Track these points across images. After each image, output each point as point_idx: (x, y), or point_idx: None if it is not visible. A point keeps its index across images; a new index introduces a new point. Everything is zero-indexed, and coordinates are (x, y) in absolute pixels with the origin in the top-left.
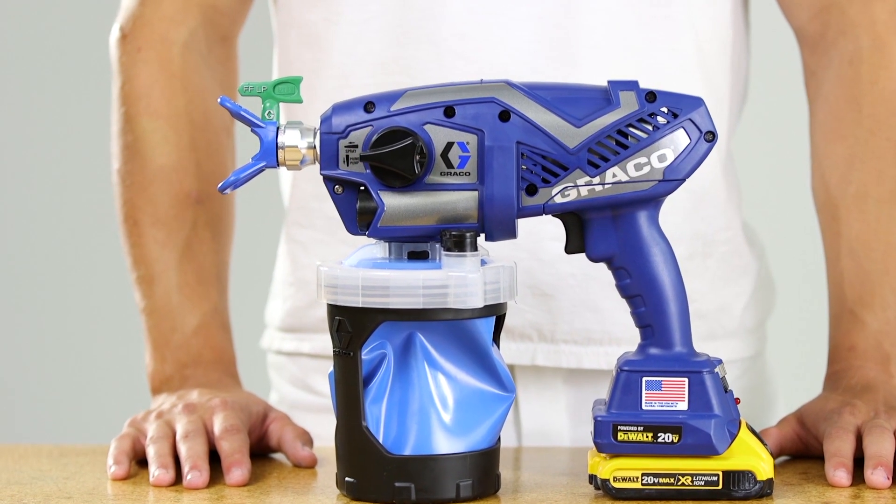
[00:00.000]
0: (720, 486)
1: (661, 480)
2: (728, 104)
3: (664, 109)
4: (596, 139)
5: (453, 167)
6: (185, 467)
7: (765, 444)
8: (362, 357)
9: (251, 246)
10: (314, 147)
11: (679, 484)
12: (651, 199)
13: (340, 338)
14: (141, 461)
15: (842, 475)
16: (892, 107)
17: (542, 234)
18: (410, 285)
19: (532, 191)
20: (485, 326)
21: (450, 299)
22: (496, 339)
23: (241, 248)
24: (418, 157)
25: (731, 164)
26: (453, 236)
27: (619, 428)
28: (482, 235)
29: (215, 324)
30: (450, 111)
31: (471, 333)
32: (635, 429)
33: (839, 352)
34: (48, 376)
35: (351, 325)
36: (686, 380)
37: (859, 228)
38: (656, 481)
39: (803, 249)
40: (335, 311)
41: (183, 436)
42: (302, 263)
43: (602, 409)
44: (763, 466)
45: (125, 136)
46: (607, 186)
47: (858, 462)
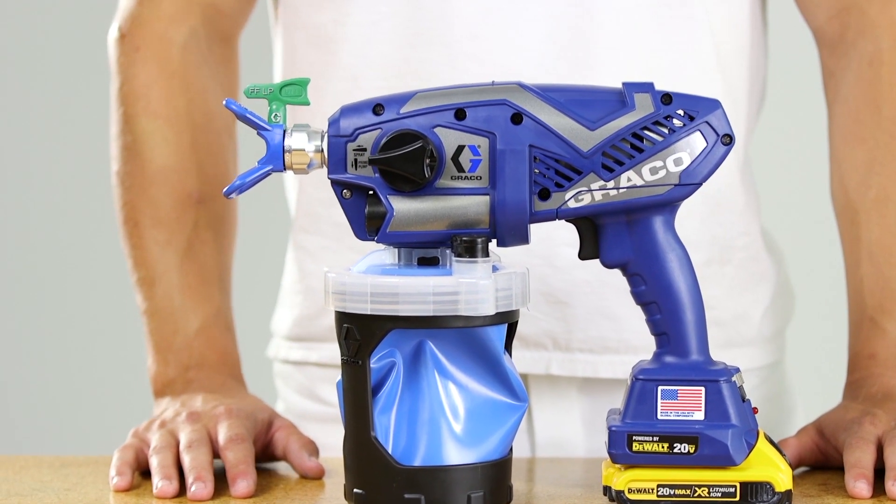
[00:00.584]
0: (737, 498)
1: (677, 492)
2: (746, 106)
3: (680, 112)
4: (610, 142)
5: (464, 171)
6: (189, 478)
7: (783, 455)
8: (371, 365)
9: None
10: (322, 150)
11: (695, 495)
12: (667, 203)
13: (349, 346)
14: (144, 472)
15: (862, 486)
16: None
17: (556, 240)
18: (420, 292)
19: (545, 195)
20: (496, 334)
21: (461, 306)
22: (508, 346)
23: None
24: (428, 161)
25: (748, 167)
26: (464, 242)
27: (634, 438)
28: (494, 241)
29: (219, 325)
30: (461, 114)
31: (482, 341)
32: (651, 439)
33: (859, 360)
34: (50, 386)
35: (359, 333)
36: (703, 389)
37: (879, 233)
38: (672, 493)
39: (823, 256)
40: (343, 318)
41: (186, 446)
42: (309, 271)
43: (617, 418)
44: (781, 478)
45: (124, 136)
46: (622, 191)
47: (879, 473)
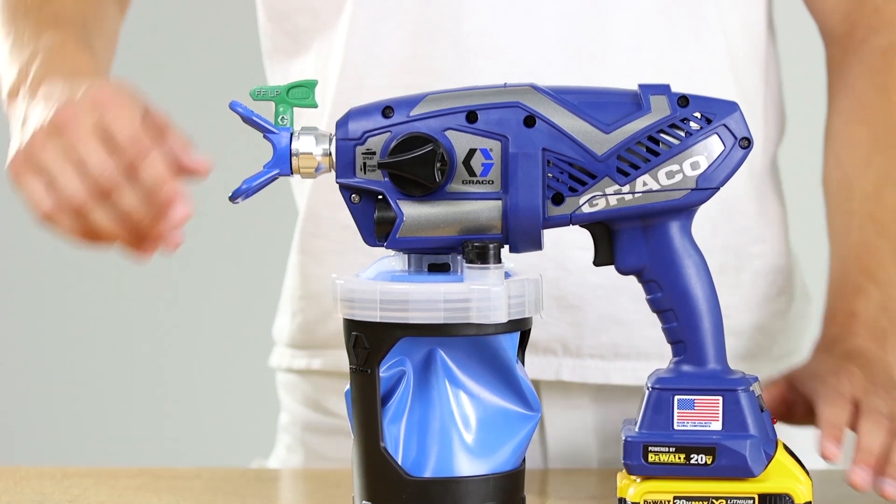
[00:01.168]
0: None
1: None
2: (762, 110)
3: (697, 114)
4: (625, 146)
5: (476, 175)
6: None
7: (803, 466)
8: (380, 374)
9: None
10: (330, 154)
11: None
12: (683, 208)
13: (357, 354)
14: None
15: (833, 449)
16: None
17: (567, 243)
18: (431, 299)
19: (558, 200)
20: (509, 342)
21: (472, 314)
22: (521, 355)
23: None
24: (439, 165)
25: (769, 176)
26: (476, 248)
27: (649, 449)
28: (506, 247)
29: (80, 45)
30: (472, 116)
31: (494, 350)
32: (667, 450)
33: (838, 315)
34: (50, 396)
35: (368, 341)
36: (720, 398)
37: (875, 208)
38: None
39: None
40: (352, 326)
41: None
42: (313, 275)
43: (632, 428)
44: (801, 489)
45: None
46: (637, 195)
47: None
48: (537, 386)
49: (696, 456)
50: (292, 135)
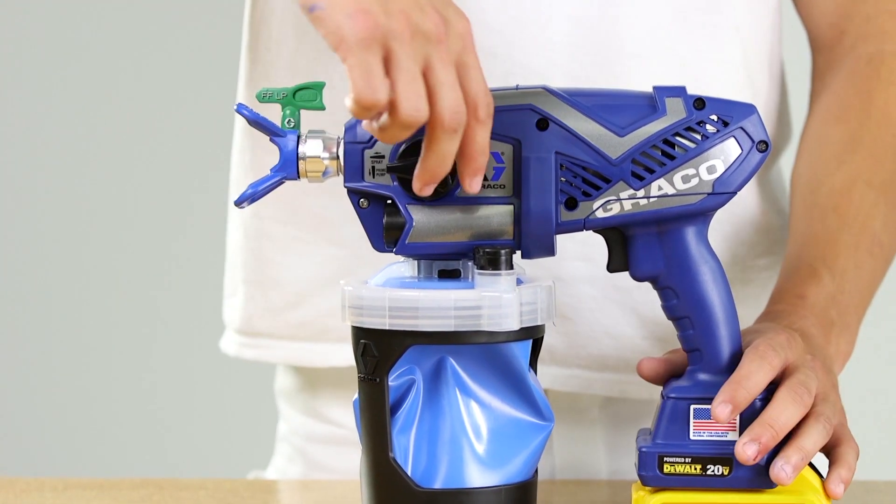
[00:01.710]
0: None
1: None
2: (776, 119)
3: (714, 117)
4: (640, 149)
5: (487, 179)
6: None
7: (820, 476)
8: (389, 383)
9: None
10: (337, 158)
11: None
12: (699, 213)
13: (366, 363)
14: None
15: (724, 412)
16: None
17: (564, 252)
18: (441, 306)
19: (572, 205)
20: (521, 350)
21: (483, 321)
22: (533, 363)
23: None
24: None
25: (773, 185)
26: (487, 253)
27: (665, 459)
28: (518, 253)
29: None
30: None
31: (506, 358)
32: (683, 460)
33: (785, 296)
34: (52, 405)
35: (377, 349)
36: None
37: (841, 203)
38: None
39: None
40: (360, 333)
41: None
42: (274, 261)
43: (647, 439)
44: (819, 500)
45: None
46: (652, 200)
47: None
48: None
49: (712, 467)
50: (299, 138)
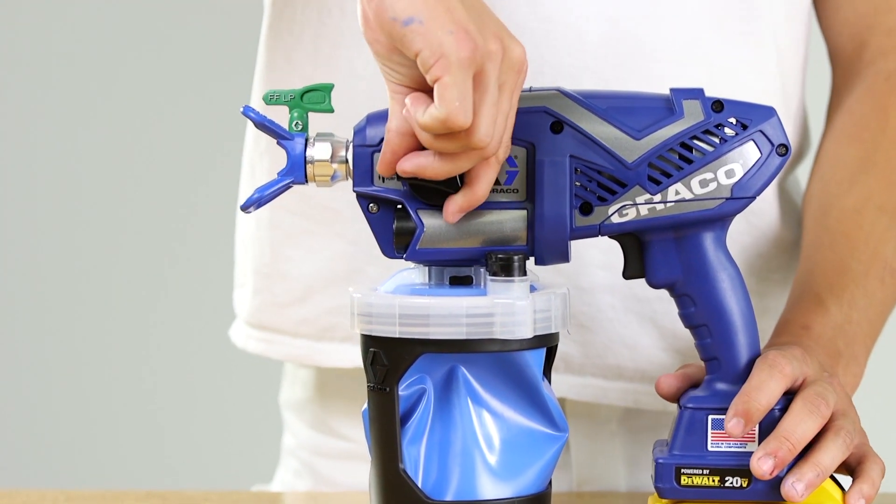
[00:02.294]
0: None
1: None
2: (802, 128)
3: (732, 120)
4: (657, 153)
5: (500, 183)
6: None
7: (841, 488)
8: (399, 393)
9: None
10: (346, 161)
11: None
12: (717, 219)
13: (375, 371)
14: None
15: (737, 427)
16: None
17: (585, 260)
18: (453, 314)
19: (587, 210)
20: (534, 359)
21: (496, 329)
22: (547, 372)
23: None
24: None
25: (791, 196)
26: (500, 260)
27: (682, 471)
28: (531, 259)
29: None
30: None
31: (519, 367)
32: (700, 472)
33: (790, 327)
34: (55, 417)
35: (387, 358)
36: None
37: (852, 229)
38: None
39: None
40: (370, 342)
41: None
42: (285, 256)
43: (664, 450)
44: None
45: None
46: (669, 205)
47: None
48: (563, 405)
49: (731, 478)
50: (307, 141)
